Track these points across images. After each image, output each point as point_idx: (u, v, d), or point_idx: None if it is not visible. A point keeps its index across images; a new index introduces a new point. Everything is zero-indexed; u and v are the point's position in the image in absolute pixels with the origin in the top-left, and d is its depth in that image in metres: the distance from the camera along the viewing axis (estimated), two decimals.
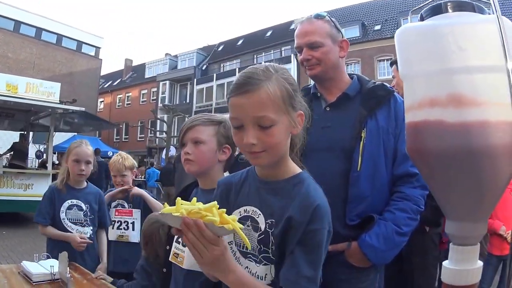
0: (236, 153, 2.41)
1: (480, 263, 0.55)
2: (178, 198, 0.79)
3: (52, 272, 1.68)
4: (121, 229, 2.36)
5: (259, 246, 0.93)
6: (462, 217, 0.52)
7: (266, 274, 0.92)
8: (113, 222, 2.38)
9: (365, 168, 1.33)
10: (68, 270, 1.66)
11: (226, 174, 2.01)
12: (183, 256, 1.28)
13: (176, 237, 1.33)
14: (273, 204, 0.93)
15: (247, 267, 0.93)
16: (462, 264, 0.54)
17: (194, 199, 0.81)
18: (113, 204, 2.45)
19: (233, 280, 0.83)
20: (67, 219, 2.16)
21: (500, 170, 0.46)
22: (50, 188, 2.25)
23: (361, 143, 1.34)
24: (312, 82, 1.56)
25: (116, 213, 2.41)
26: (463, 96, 0.44)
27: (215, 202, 0.79)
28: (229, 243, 0.96)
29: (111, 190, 2.56)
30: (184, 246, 1.29)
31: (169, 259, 1.33)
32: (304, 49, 1.43)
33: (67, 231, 2.13)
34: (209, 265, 0.81)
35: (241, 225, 0.78)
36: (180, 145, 1.38)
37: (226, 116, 1.41)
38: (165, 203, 0.81)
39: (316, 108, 1.44)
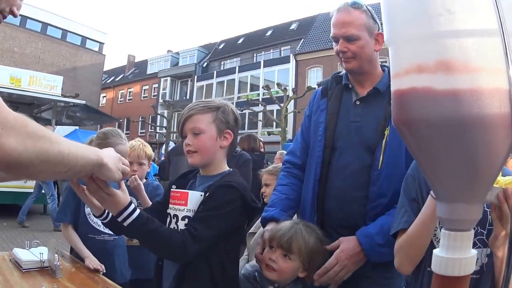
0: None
1: (474, 252, 0.51)
2: None
3: (42, 259, 1.66)
4: None
5: (475, 228, 0.85)
6: (453, 197, 0.48)
7: (477, 258, 0.86)
8: None
9: (386, 167, 1.30)
10: (57, 258, 1.64)
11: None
12: None
13: (167, 223, 1.29)
14: None
15: None
16: (453, 252, 0.50)
17: None
18: None
19: None
20: (93, 214, 1.97)
21: (495, 144, 0.43)
22: None
23: (384, 141, 1.31)
24: (343, 71, 1.52)
25: None
26: (453, 62, 0.41)
27: None
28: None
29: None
30: None
31: None
32: (340, 40, 1.38)
33: (93, 228, 1.92)
34: None
35: None
36: (181, 137, 1.31)
37: (225, 101, 1.34)
38: None
39: (346, 100, 1.43)
